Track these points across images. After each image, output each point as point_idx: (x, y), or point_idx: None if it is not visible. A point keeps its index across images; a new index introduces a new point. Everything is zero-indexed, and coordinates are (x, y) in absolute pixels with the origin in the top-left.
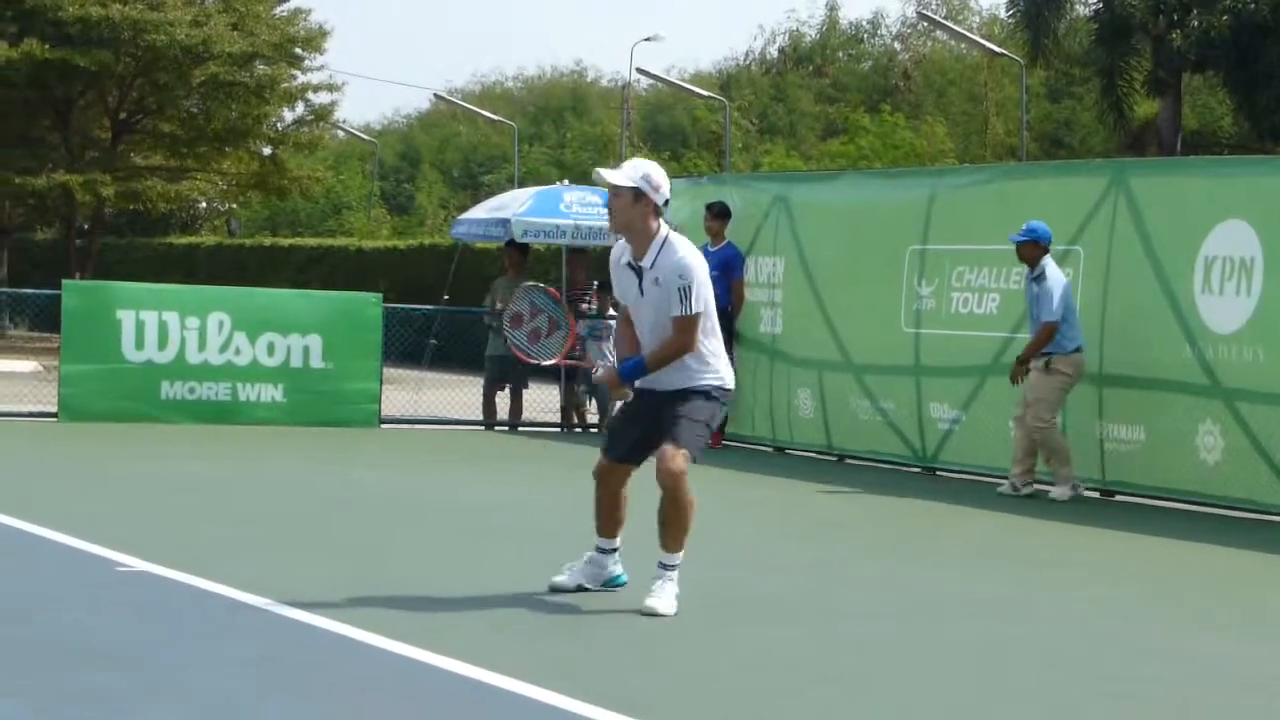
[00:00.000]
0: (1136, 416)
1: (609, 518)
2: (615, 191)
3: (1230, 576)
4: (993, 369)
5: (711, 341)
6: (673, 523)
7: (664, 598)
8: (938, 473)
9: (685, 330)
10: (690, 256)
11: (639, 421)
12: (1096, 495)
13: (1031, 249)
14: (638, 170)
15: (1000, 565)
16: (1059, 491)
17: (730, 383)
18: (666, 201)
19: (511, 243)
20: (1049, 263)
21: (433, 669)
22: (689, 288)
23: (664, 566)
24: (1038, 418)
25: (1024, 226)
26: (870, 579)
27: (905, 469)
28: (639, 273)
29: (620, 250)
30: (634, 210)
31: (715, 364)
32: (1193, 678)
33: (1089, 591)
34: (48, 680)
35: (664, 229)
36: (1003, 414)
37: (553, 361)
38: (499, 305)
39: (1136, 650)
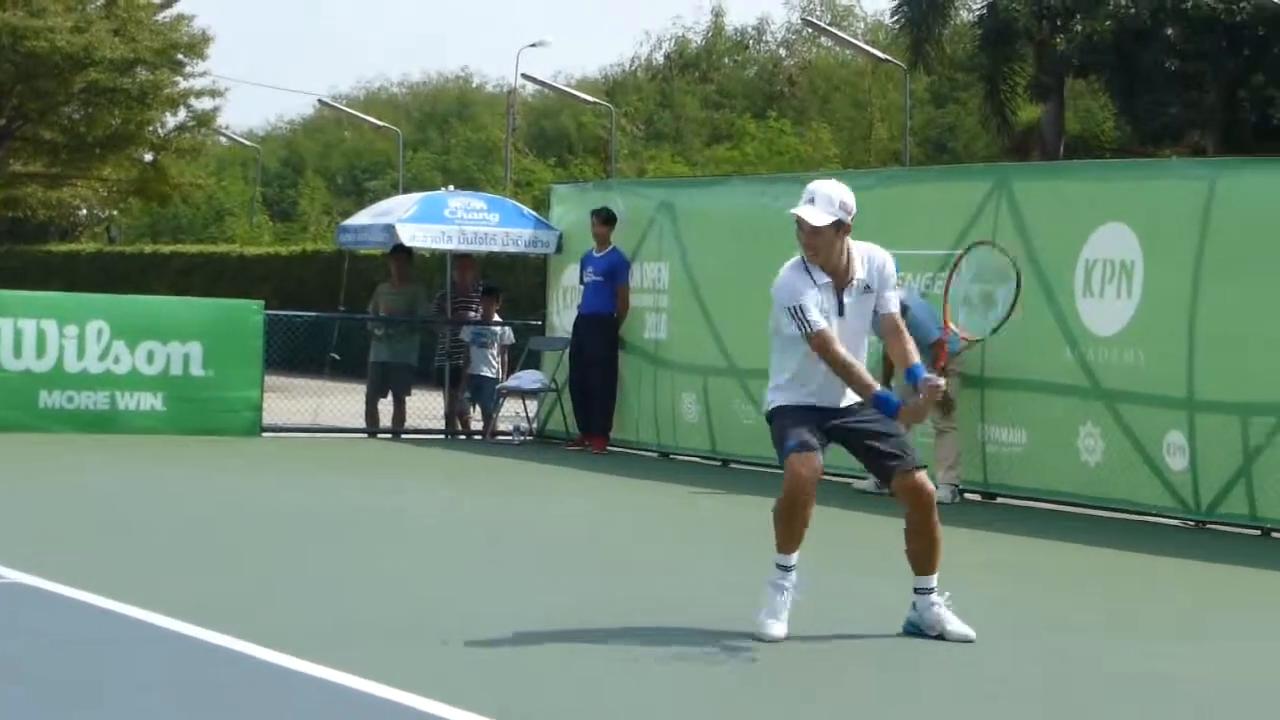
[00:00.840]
0: (1018, 419)
1: (802, 528)
2: (816, 231)
3: (1111, 576)
4: (876, 373)
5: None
6: (929, 548)
7: (954, 621)
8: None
9: (901, 327)
10: (889, 256)
11: (817, 426)
12: (978, 498)
13: None
14: (832, 201)
15: (887, 566)
16: (940, 494)
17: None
18: (854, 216)
19: (396, 249)
20: (903, 296)
21: (322, 682)
22: (896, 282)
23: (921, 592)
24: (952, 420)
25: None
26: (757, 583)
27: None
28: (839, 288)
29: (805, 277)
30: (835, 245)
31: None
32: (1066, 676)
33: (975, 593)
34: None
35: (848, 242)
36: None
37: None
38: (382, 311)
39: (1021, 651)
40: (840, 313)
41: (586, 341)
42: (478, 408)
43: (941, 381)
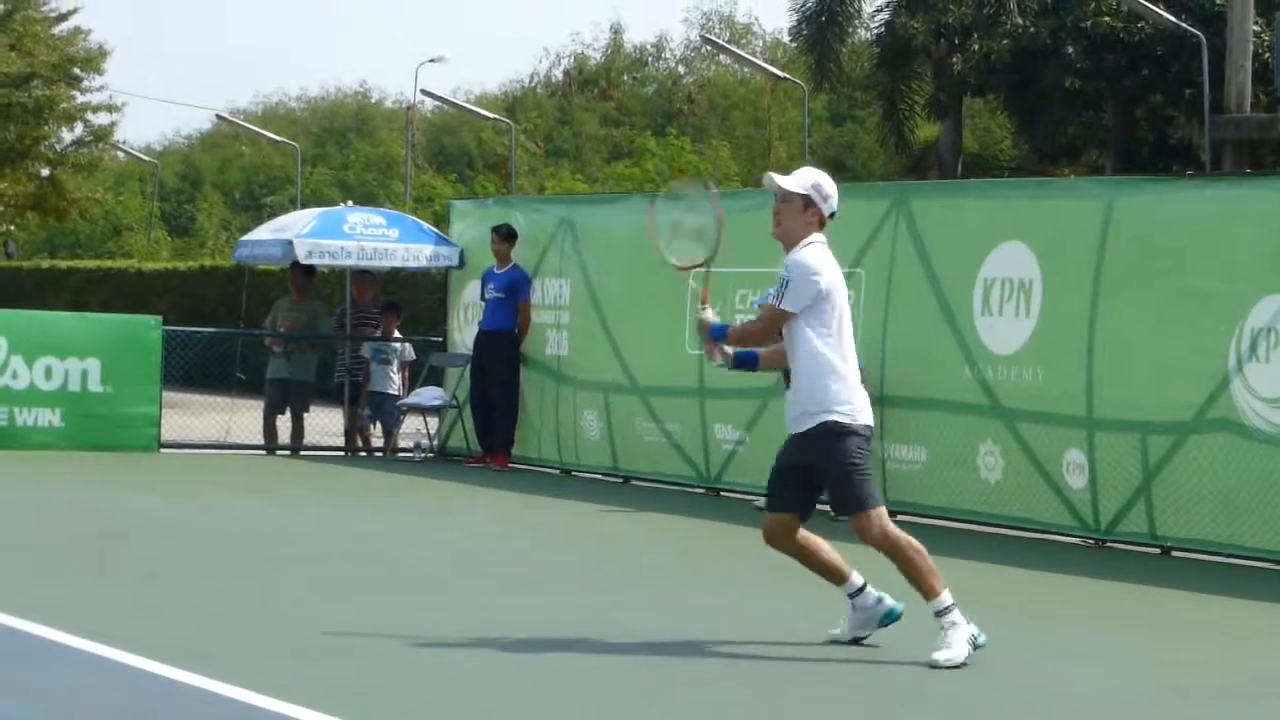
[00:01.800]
0: (918, 437)
1: (822, 569)
2: (785, 197)
3: (1013, 594)
4: (774, 391)
5: (835, 371)
6: (909, 574)
7: (949, 648)
8: (721, 493)
9: (767, 317)
10: (812, 258)
11: (789, 471)
12: None
13: None
14: (809, 178)
15: (785, 582)
16: None
17: (863, 417)
18: (833, 214)
19: (295, 265)
20: None
21: (216, 696)
22: (787, 280)
23: (937, 615)
24: None
25: (769, 291)
26: (654, 597)
27: (690, 490)
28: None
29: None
30: (799, 218)
31: (841, 394)
32: (967, 691)
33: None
34: None
35: (815, 239)
36: (784, 435)
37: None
38: (281, 327)
39: (915, 667)
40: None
41: (488, 358)
42: (378, 424)
43: (706, 315)
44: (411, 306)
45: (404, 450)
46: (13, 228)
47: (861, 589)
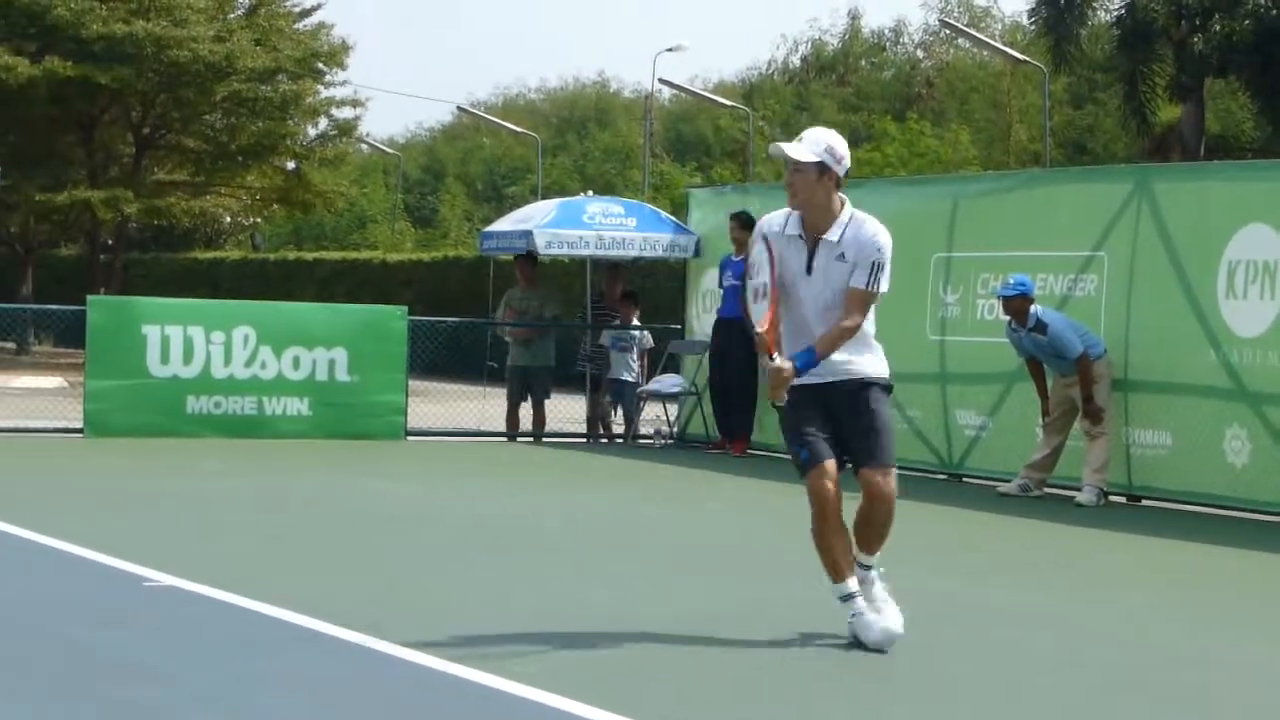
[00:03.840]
0: (1162, 421)
1: (843, 546)
2: (797, 167)
3: (1260, 579)
4: (1018, 375)
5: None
6: (880, 529)
7: (889, 613)
8: (963, 479)
9: (861, 307)
10: (886, 235)
11: (820, 416)
12: (1123, 500)
13: (1021, 302)
14: (820, 143)
15: (1031, 572)
16: (1086, 496)
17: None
18: (847, 173)
19: (522, 254)
20: (1040, 312)
21: (472, 684)
22: (883, 264)
23: (864, 567)
24: (1104, 427)
25: (1012, 280)
26: (907, 587)
27: (932, 475)
28: (812, 246)
29: (779, 220)
30: (818, 186)
31: (883, 357)
32: (1233, 683)
33: (1124, 597)
34: (82, 696)
35: (848, 204)
36: (1028, 420)
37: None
38: (508, 316)
39: (1173, 656)
40: (808, 271)
41: (727, 345)
42: (619, 411)
43: (783, 366)
44: (650, 294)
45: (644, 437)
46: (260, 220)
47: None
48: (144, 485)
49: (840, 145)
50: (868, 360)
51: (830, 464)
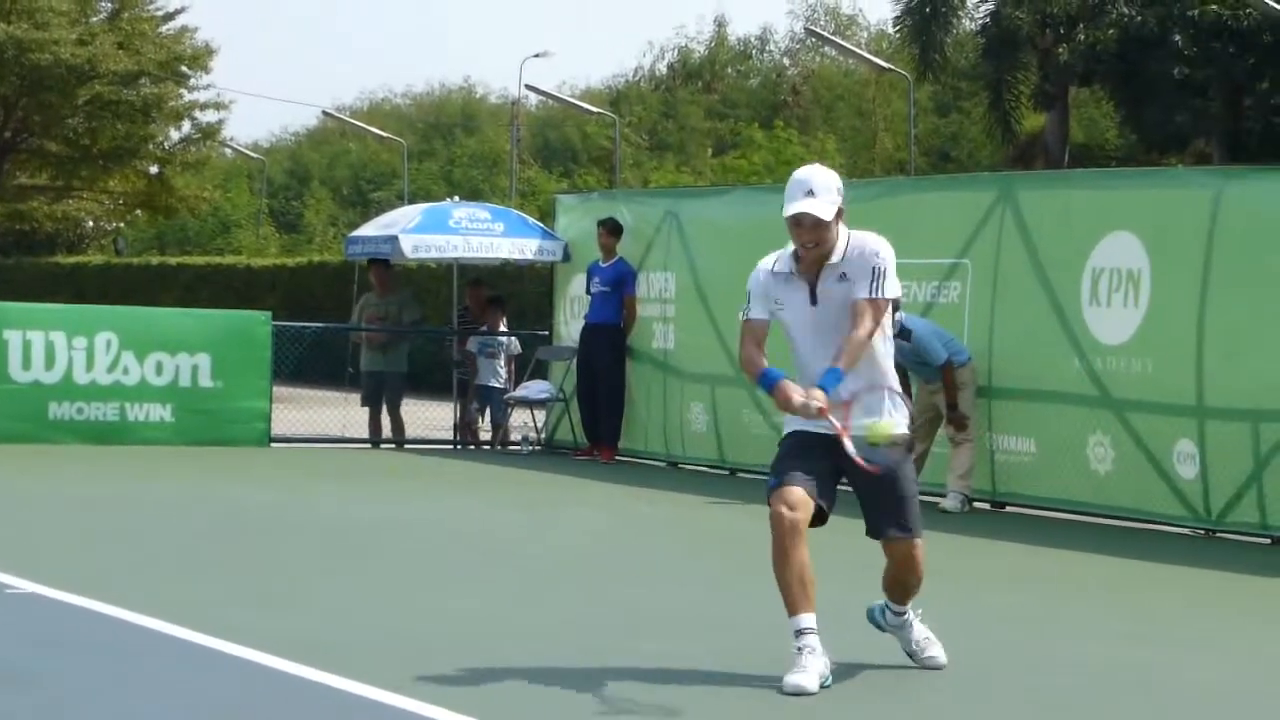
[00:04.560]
0: (1027, 428)
1: (803, 584)
2: (824, 225)
3: (1123, 585)
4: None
5: (891, 368)
6: (912, 590)
7: (934, 647)
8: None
9: (870, 316)
10: (885, 245)
11: (815, 460)
12: (988, 507)
13: None
14: (830, 189)
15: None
16: (951, 503)
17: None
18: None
19: (374, 260)
20: (904, 318)
21: (328, 689)
22: (883, 269)
23: (898, 614)
24: (969, 434)
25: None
26: (764, 592)
27: None
28: (813, 278)
29: (769, 263)
30: (834, 231)
31: (902, 404)
32: (1088, 684)
33: (985, 601)
34: None
35: (843, 225)
36: None
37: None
38: (366, 321)
39: (1031, 659)
40: (813, 301)
41: (594, 351)
42: (486, 418)
43: (812, 399)
44: (518, 300)
45: (512, 443)
46: (122, 225)
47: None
48: (5, 491)
49: (837, 180)
50: (890, 414)
51: (795, 491)
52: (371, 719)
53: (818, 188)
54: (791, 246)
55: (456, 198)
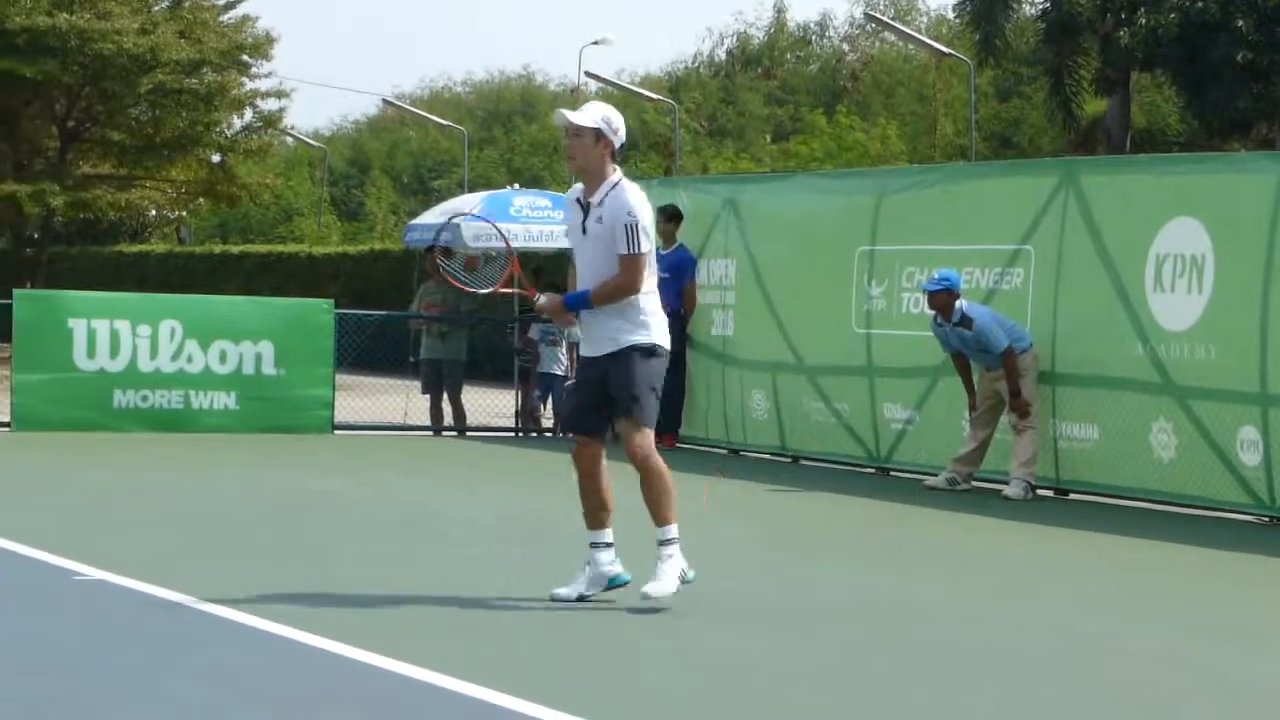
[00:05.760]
0: (1090, 415)
1: (592, 504)
2: (576, 131)
3: (1186, 574)
4: (945, 368)
5: (648, 300)
6: (656, 499)
7: (663, 580)
8: (891, 473)
9: (629, 270)
10: (638, 201)
11: (589, 392)
12: (1050, 494)
13: (945, 297)
14: (598, 112)
15: (959, 565)
16: (1014, 490)
17: (667, 343)
18: (623, 145)
19: (432, 247)
20: (966, 306)
21: (390, 674)
22: (634, 226)
23: (661, 543)
24: (1030, 420)
25: (936, 275)
26: (830, 580)
27: (860, 469)
28: (585, 210)
29: (575, 190)
30: (593, 151)
31: (648, 320)
32: (1154, 675)
33: (1050, 589)
34: (4, 686)
35: (618, 173)
36: (955, 413)
37: (489, 290)
38: (425, 309)
39: (1101, 649)
40: (583, 232)
41: None
42: (548, 405)
43: (547, 300)
44: None
45: None
46: (185, 214)
47: (610, 545)
48: (72, 479)
49: (617, 118)
50: (628, 330)
51: (588, 441)
52: (435, 703)
53: (587, 107)
54: None
55: (517, 185)
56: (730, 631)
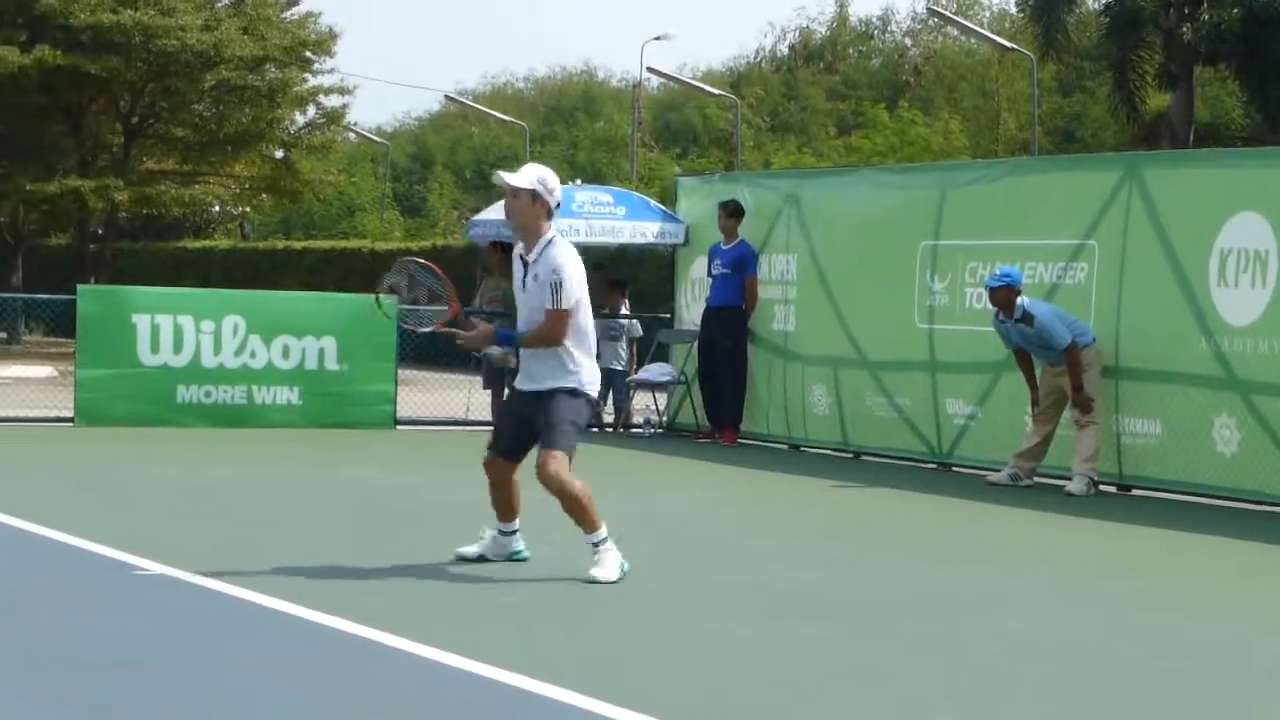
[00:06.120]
0: (1153, 410)
1: (500, 506)
2: (514, 192)
3: (1247, 569)
4: (1007, 364)
5: (578, 349)
6: (574, 514)
7: (604, 565)
8: (953, 469)
9: (553, 322)
10: (567, 258)
11: (516, 420)
12: (1113, 490)
13: (1007, 293)
14: (534, 174)
15: (1021, 560)
16: (1076, 486)
17: (593, 387)
18: (558, 205)
19: (494, 243)
20: (1028, 303)
21: (452, 669)
22: (559, 284)
23: (594, 545)
24: (1093, 416)
25: (998, 271)
26: (890, 575)
27: (921, 465)
28: (525, 267)
29: (519, 247)
30: (530, 210)
31: (577, 368)
32: (1216, 670)
33: (1111, 585)
34: (70, 684)
35: (552, 230)
36: (1017, 408)
37: (429, 329)
38: (486, 305)
39: (1161, 643)
40: (523, 287)
41: (715, 334)
42: (608, 401)
43: (484, 330)
44: (638, 283)
45: (634, 426)
46: (248, 209)
47: (515, 533)
48: (135, 474)
49: (552, 179)
50: (558, 374)
51: (502, 460)
52: (502, 701)
53: (523, 170)
54: None
55: (579, 181)
56: (792, 624)
